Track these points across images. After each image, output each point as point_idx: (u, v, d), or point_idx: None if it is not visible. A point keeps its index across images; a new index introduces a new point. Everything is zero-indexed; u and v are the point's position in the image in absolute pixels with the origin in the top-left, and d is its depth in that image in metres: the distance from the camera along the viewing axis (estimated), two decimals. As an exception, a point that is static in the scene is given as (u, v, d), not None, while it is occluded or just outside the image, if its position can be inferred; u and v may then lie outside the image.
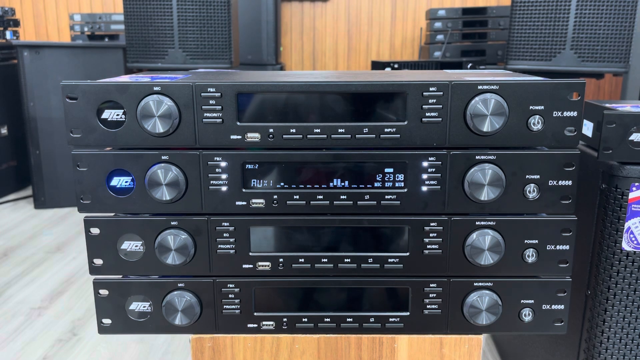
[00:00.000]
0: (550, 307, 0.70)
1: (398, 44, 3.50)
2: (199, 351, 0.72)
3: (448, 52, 2.89)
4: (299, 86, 0.64)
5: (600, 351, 0.89)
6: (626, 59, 2.01)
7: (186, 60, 2.26)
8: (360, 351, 0.72)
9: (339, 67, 3.57)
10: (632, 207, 0.82)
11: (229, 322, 0.71)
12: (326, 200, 0.67)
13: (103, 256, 0.69)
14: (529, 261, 0.68)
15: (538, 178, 0.66)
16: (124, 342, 1.62)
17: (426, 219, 0.67)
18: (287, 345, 0.72)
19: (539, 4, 2.05)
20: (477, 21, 2.92)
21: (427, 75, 0.71)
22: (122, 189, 0.66)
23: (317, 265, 0.69)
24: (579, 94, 0.64)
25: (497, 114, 0.63)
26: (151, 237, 0.68)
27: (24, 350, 1.58)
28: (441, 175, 0.66)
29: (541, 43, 2.07)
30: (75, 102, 0.64)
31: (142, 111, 0.63)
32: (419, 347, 0.72)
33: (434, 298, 0.70)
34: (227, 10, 2.19)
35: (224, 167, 0.66)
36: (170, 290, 0.69)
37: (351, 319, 0.70)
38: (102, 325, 0.71)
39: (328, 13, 3.49)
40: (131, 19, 2.25)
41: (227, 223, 0.68)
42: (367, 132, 0.65)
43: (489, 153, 0.65)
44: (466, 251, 0.67)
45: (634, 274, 0.85)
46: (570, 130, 0.64)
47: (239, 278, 0.69)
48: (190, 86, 0.63)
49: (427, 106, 0.64)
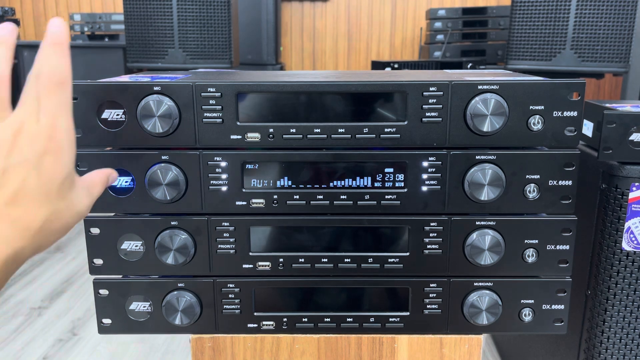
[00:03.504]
0: (550, 307, 0.70)
1: (398, 44, 3.50)
2: (199, 351, 0.72)
3: (448, 52, 2.89)
4: (299, 86, 0.64)
5: (600, 351, 0.89)
6: (626, 59, 2.01)
7: (186, 60, 2.25)
8: (360, 351, 0.72)
9: (339, 67, 3.57)
10: (632, 207, 0.82)
11: (229, 322, 0.71)
12: (326, 200, 0.67)
13: (103, 256, 0.69)
14: (529, 261, 0.68)
15: (538, 178, 0.66)
16: (124, 342, 1.62)
17: (426, 219, 0.67)
18: (287, 345, 0.72)
19: (539, 4, 2.05)
20: (477, 21, 2.92)
21: (427, 75, 0.71)
22: (122, 189, 0.66)
23: (317, 265, 0.69)
24: (579, 94, 0.64)
25: (497, 114, 0.63)
26: (151, 237, 0.68)
27: (24, 350, 1.58)
28: (441, 175, 0.66)
29: (541, 43, 2.07)
30: (75, 102, 0.64)
31: (142, 111, 0.63)
32: (419, 347, 0.72)
33: (434, 298, 0.70)
34: (227, 10, 2.19)
35: (224, 167, 0.66)
36: (170, 290, 0.69)
37: (351, 319, 0.70)
38: (102, 325, 0.71)
39: (328, 13, 3.49)
40: (131, 19, 2.25)
41: (227, 223, 0.68)
42: (367, 132, 0.65)
43: (489, 153, 0.65)
44: (466, 251, 0.67)
45: (634, 274, 0.85)
46: (570, 130, 0.64)
47: (239, 278, 0.69)
48: (190, 86, 0.63)
49: (427, 106, 0.64)
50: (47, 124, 0.44)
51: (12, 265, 0.43)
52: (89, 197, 0.50)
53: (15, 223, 0.42)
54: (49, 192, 0.44)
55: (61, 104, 0.45)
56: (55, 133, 0.44)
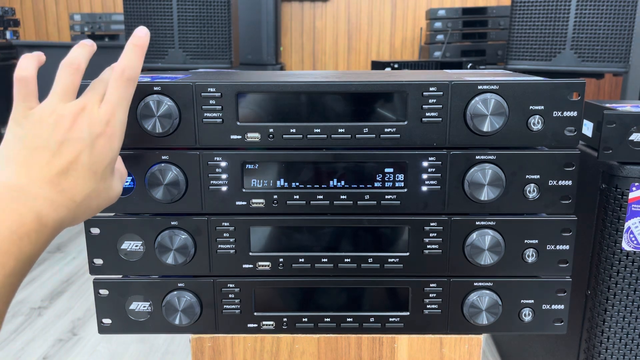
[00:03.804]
0: (550, 307, 0.70)
1: (398, 44, 3.50)
2: (199, 351, 0.72)
3: (448, 52, 2.89)
4: (299, 86, 0.64)
5: (600, 351, 0.89)
6: (626, 59, 2.01)
7: (186, 60, 2.26)
8: (360, 351, 0.72)
9: (339, 67, 3.57)
10: (632, 207, 0.82)
11: (229, 322, 0.71)
12: (326, 200, 0.67)
13: (103, 256, 0.69)
14: (529, 261, 0.68)
15: (538, 178, 0.66)
16: (124, 342, 1.63)
17: (426, 219, 0.67)
18: (287, 345, 0.72)
19: (539, 4, 2.05)
20: (477, 21, 2.92)
21: (427, 75, 0.71)
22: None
23: (317, 265, 0.69)
24: (579, 94, 0.64)
25: (497, 114, 0.63)
26: (151, 237, 0.68)
27: (24, 350, 1.58)
28: (441, 175, 0.66)
29: (541, 43, 2.08)
30: (75, 102, 0.64)
31: (142, 111, 0.63)
32: (419, 347, 0.72)
33: (434, 298, 0.70)
34: (227, 10, 2.19)
35: (224, 167, 0.66)
36: (170, 290, 0.69)
37: (351, 318, 0.70)
38: (102, 325, 0.71)
39: (328, 13, 3.49)
40: (131, 19, 2.25)
41: (227, 223, 0.68)
42: (367, 132, 0.65)
43: (489, 153, 0.65)
44: (466, 251, 0.67)
45: (634, 274, 0.85)
46: (570, 130, 0.64)
47: (239, 278, 0.69)
48: (191, 86, 0.63)
49: (427, 106, 0.64)
50: (107, 111, 0.50)
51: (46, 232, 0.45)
52: (121, 184, 0.56)
53: (64, 192, 0.46)
54: (96, 171, 0.49)
55: (123, 97, 0.51)
56: (112, 120, 0.50)
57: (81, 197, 0.48)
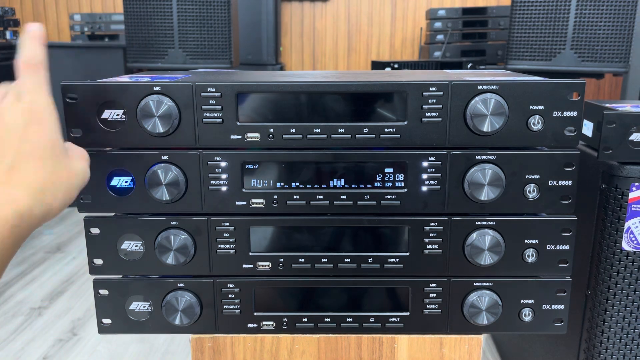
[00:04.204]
0: (550, 307, 0.70)
1: (398, 44, 3.50)
2: (199, 351, 0.72)
3: (448, 52, 2.89)
4: (299, 86, 0.64)
5: (600, 351, 0.89)
6: (626, 59, 2.01)
7: (186, 60, 2.26)
8: (360, 351, 0.72)
9: (339, 67, 3.57)
10: (632, 207, 0.82)
11: (229, 322, 0.71)
12: (326, 200, 0.67)
13: (103, 256, 0.69)
14: (529, 261, 0.68)
15: (538, 178, 0.66)
16: (124, 342, 1.63)
17: (426, 219, 0.67)
18: (287, 345, 0.72)
19: (539, 4, 2.05)
20: (477, 21, 2.92)
21: (427, 75, 0.71)
22: (122, 188, 0.66)
23: (317, 265, 0.69)
24: (579, 94, 0.64)
25: (497, 114, 0.63)
26: (151, 237, 0.68)
27: (24, 350, 1.58)
28: (441, 175, 0.66)
29: (541, 43, 2.08)
30: (75, 102, 0.64)
31: (142, 111, 0.63)
32: (419, 347, 0.72)
33: (434, 298, 0.70)
34: (227, 10, 2.19)
35: (224, 167, 0.66)
36: (170, 290, 0.69)
37: (351, 319, 0.70)
38: (102, 325, 0.71)
39: (328, 13, 3.49)
40: (131, 19, 2.26)
41: (227, 223, 0.68)
42: (367, 132, 0.65)
43: (489, 153, 0.65)
44: (466, 251, 0.67)
45: (634, 274, 0.85)
46: (570, 130, 0.64)
47: (239, 278, 0.69)
48: (190, 86, 0.63)
49: (427, 106, 0.64)
50: (28, 101, 0.51)
51: (22, 226, 0.47)
52: (82, 162, 0.57)
53: (18, 184, 0.48)
54: (43, 155, 0.50)
55: (38, 83, 0.53)
56: (35, 107, 0.51)
57: (39, 182, 0.49)
